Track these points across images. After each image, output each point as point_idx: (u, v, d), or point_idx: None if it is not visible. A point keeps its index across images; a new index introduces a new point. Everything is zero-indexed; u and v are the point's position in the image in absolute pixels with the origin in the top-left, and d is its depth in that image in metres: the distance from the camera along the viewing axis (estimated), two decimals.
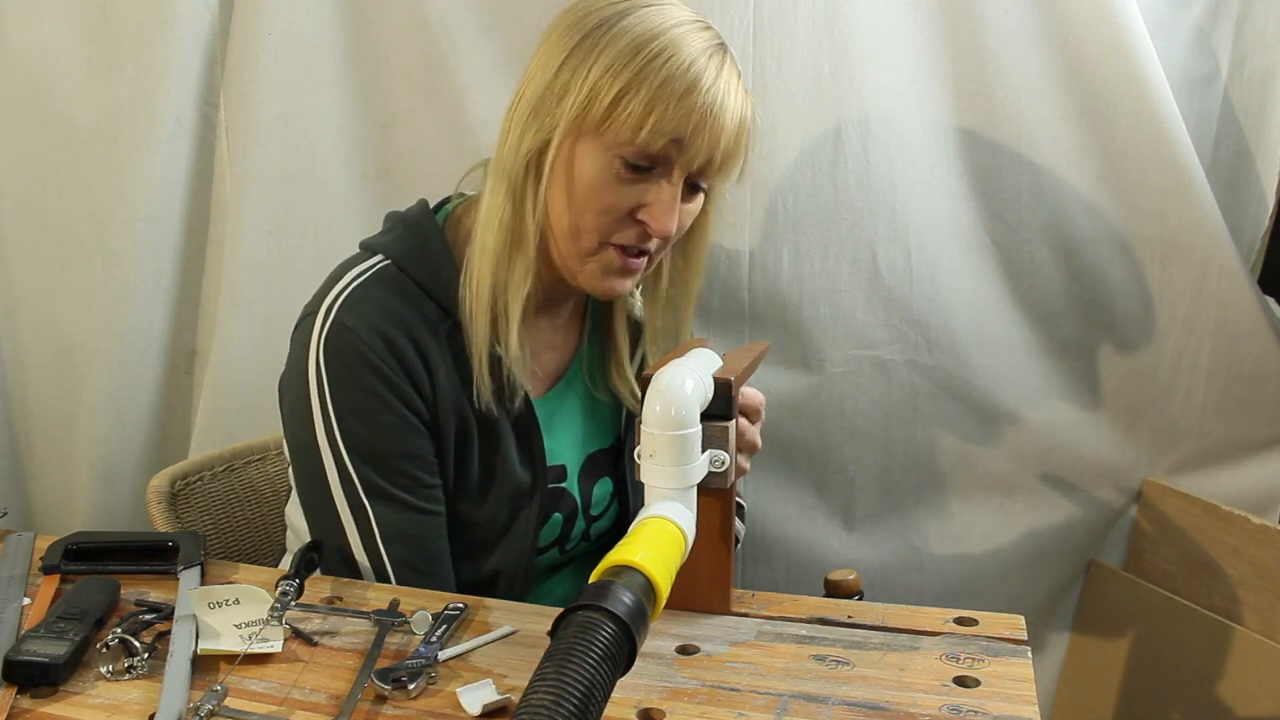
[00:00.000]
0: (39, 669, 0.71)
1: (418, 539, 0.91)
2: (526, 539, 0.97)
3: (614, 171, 0.86)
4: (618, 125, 0.84)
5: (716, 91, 0.85)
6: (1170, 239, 1.29)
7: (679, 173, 0.87)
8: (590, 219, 0.88)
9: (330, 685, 0.73)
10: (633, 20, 0.85)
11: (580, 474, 1.02)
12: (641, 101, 0.83)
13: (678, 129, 0.84)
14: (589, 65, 0.85)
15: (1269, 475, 1.37)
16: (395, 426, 0.89)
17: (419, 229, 0.95)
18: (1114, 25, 1.20)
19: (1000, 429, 1.38)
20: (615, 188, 0.87)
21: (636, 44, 0.84)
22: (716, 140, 0.86)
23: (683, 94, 0.84)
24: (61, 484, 1.48)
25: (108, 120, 1.33)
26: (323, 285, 0.93)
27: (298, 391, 0.90)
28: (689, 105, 0.84)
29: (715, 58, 0.86)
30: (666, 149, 0.85)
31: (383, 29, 1.30)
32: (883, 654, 0.77)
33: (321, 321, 0.89)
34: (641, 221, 0.88)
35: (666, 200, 0.88)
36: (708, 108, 0.84)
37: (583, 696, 0.53)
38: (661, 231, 0.88)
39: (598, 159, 0.86)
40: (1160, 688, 1.39)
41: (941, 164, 1.30)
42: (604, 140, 0.86)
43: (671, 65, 0.83)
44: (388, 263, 0.92)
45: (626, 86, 0.84)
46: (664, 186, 0.87)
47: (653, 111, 0.83)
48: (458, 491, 0.94)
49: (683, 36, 0.85)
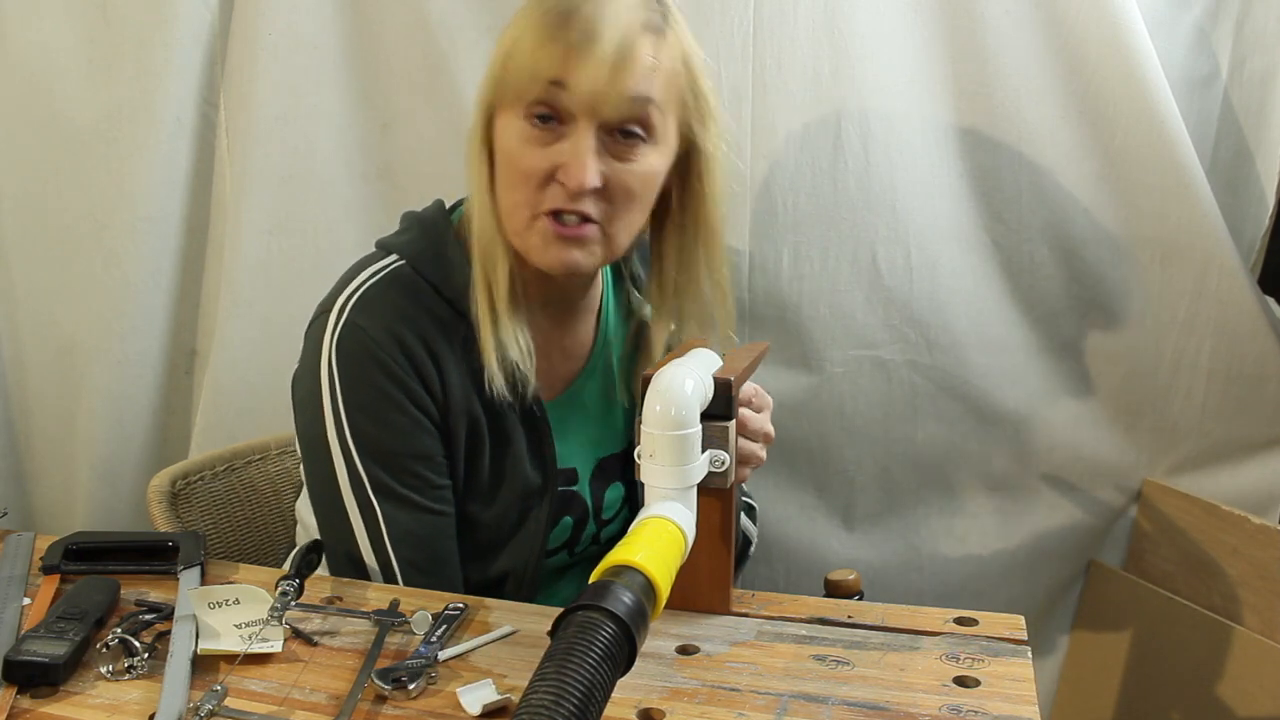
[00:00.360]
0: (39, 669, 0.71)
1: (425, 540, 0.91)
2: (536, 540, 0.96)
3: (525, 136, 0.84)
4: (511, 85, 0.82)
5: (592, 20, 0.79)
6: (1170, 239, 1.29)
7: (583, 120, 0.82)
8: (517, 191, 0.86)
9: (330, 685, 0.73)
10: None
11: (592, 478, 1.01)
12: (521, 50, 0.81)
13: (551, 68, 0.80)
14: (502, 39, 0.84)
15: (1269, 475, 1.37)
16: (405, 427, 0.89)
17: (434, 229, 0.94)
18: (1114, 25, 1.20)
19: (1000, 429, 1.38)
20: (530, 151, 0.84)
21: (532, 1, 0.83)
22: (591, 68, 0.80)
23: (555, 29, 0.80)
24: (61, 484, 1.48)
25: (108, 120, 1.33)
26: (337, 283, 0.93)
27: (309, 389, 0.90)
28: (563, 40, 0.80)
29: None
30: (552, 94, 0.81)
31: (383, 29, 1.30)
32: (883, 654, 0.77)
33: (335, 320, 0.89)
34: (560, 181, 0.84)
35: (576, 151, 0.82)
36: (577, 39, 0.79)
37: (583, 696, 0.53)
38: (576, 184, 0.82)
39: (511, 127, 0.84)
40: (1160, 688, 1.39)
41: (941, 164, 1.30)
42: (510, 106, 0.84)
43: (548, 5, 0.81)
44: (402, 263, 0.92)
45: (514, 40, 0.82)
46: (572, 139, 0.83)
47: (527, 57, 0.81)
48: (467, 492, 0.94)
49: None
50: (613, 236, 0.88)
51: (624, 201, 0.86)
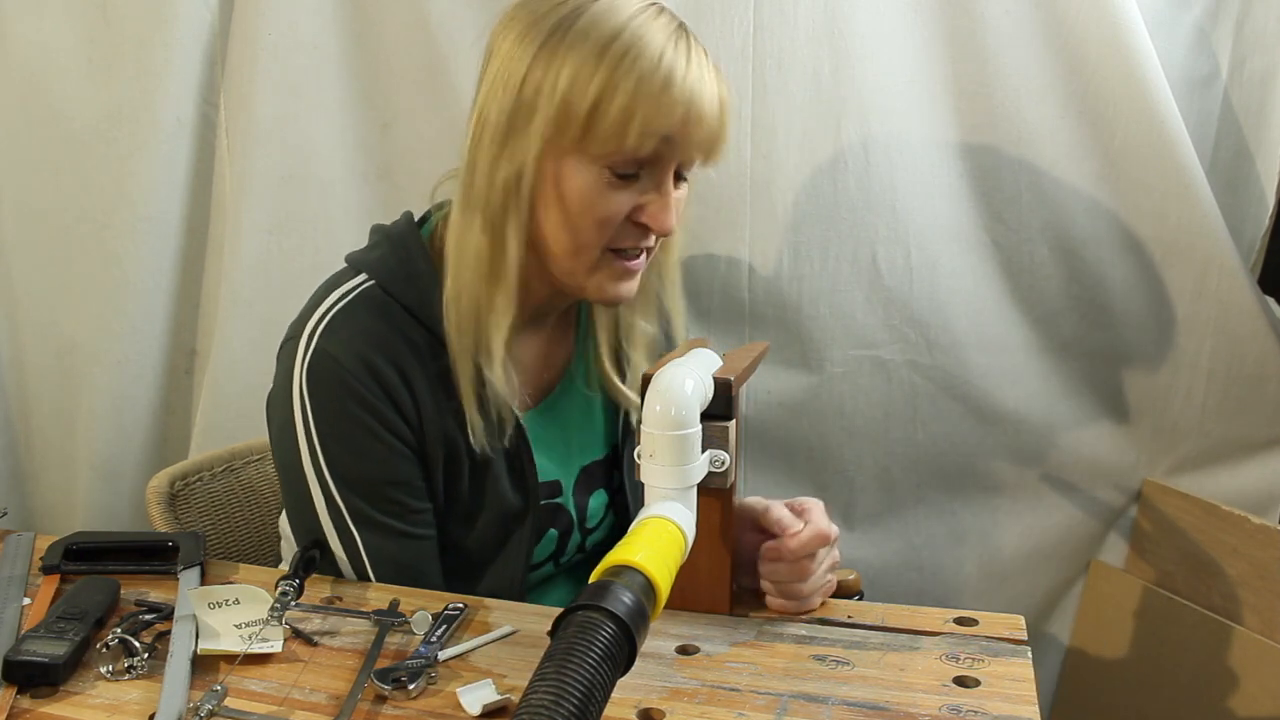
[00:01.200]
0: (39, 669, 0.71)
1: (406, 565, 0.91)
2: (519, 561, 0.95)
3: (604, 181, 0.83)
4: (600, 135, 0.81)
5: (691, 79, 0.81)
6: (1170, 239, 1.29)
7: (669, 168, 0.85)
8: (590, 234, 0.85)
9: (330, 685, 0.73)
10: (589, 19, 0.81)
11: (575, 487, 1.00)
12: (620, 107, 0.79)
13: (664, 127, 0.81)
14: (555, 76, 0.81)
15: (1269, 475, 1.37)
16: (380, 454, 0.87)
17: (404, 246, 0.92)
18: (1114, 25, 1.20)
19: (1000, 429, 1.38)
20: (610, 196, 0.84)
21: (600, 45, 0.80)
22: (703, 129, 0.83)
23: (660, 90, 0.80)
24: (61, 484, 1.48)
25: (108, 120, 1.33)
26: (306, 305, 0.91)
27: (283, 417, 0.89)
28: (669, 101, 0.80)
29: (681, 43, 0.82)
30: (657, 149, 0.82)
31: (383, 29, 1.30)
32: (883, 654, 0.77)
33: (304, 347, 0.87)
34: (642, 224, 0.85)
35: (663, 198, 0.85)
36: (688, 99, 0.81)
37: (583, 696, 0.53)
38: (664, 230, 0.85)
39: (586, 172, 0.83)
40: (1160, 688, 1.39)
41: (941, 164, 1.30)
42: (588, 153, 0.82)
43: (642, 62, 0.79)
44: (372, 283, 0.90)
45: (601, 94, 0.80)
46: (658, 185, 0.85)
47: (634, 115, 0.80)
48: (448, 515, 0.93)
49: (644, 27, 0.81)
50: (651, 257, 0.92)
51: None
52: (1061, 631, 1.50)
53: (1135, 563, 1.44)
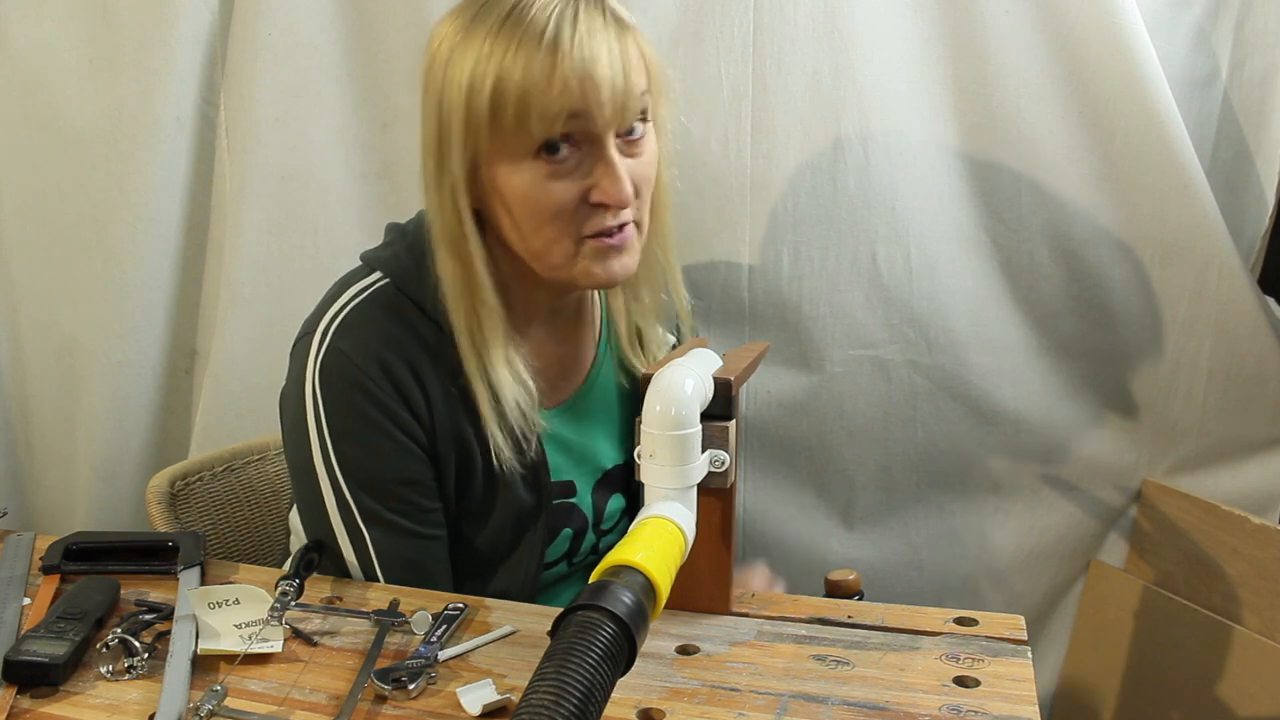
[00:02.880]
0: (39, 669, 0.72)
1: (416, 564, 0.91)
2: (532, 561, 0.95)
3: (542, 174, 0.81)
4: (511, 132, 0.79)
5: (582, 44, 0.77)
6: (1170, 239, 1.29)
7: (601, 138, 0.81)
8: (549, 230, 0.83)
9: (330, 685, 0.73)
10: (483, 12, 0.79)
11: (595, 489, 1.00)
12: (515, 97, 0.77)
13: (565, 105, 0.78)
14: (457, 82, 0.79)
15: (1269, 475, 1.37)
16: (392, 453, 0.87)
17: (418, 245, 0.91)
18: (1114, 25, 1.20)
19: (1000, 429, 1.38)
20: (552, 188, 0.81)
21: (490, 33, 0.78)
22: (605, 92, 0.78)
23: (550, 69, 0.77)
24: (61, 484, 1.48)
25: (108, 120, 1.33)
26: (321, 302, 0.91)
27: (295, 414, 0.89)
28: (561, 77, 0.77)
29: (568, 8, 0.78)
30: (571, 125, 0.79)
31: (383, 29, 1.30)
32: (883, 654, 0.77)
33: (318, 345, 0.87)
34: (599, 203, 0.82)
35: (609, 171, 0.81)
36: (581, 70, 0.77)
37: (583, 696, 0.53)
38: (618, 202, 0.82)
39: (518, 171, 0.81)
40: (1160, 688, 1.39)
41: (941, 164, 1.30)
42: (508, 152, 0.80)
43: (527, 43, 0.77)
44: (386, 281, 0.90)
45: (495, 87, 0.78)
46: (597, 158, 0.81)
47: (530, 101, 0.77)
48: (461, 513, 0.93)
49: (529, 3, 0.78)
50: (643, 225, 0.88)
51: (646, 191, 0.86)
52: (1061, 631, 1.50)
53: (1135, 563, 1.44)
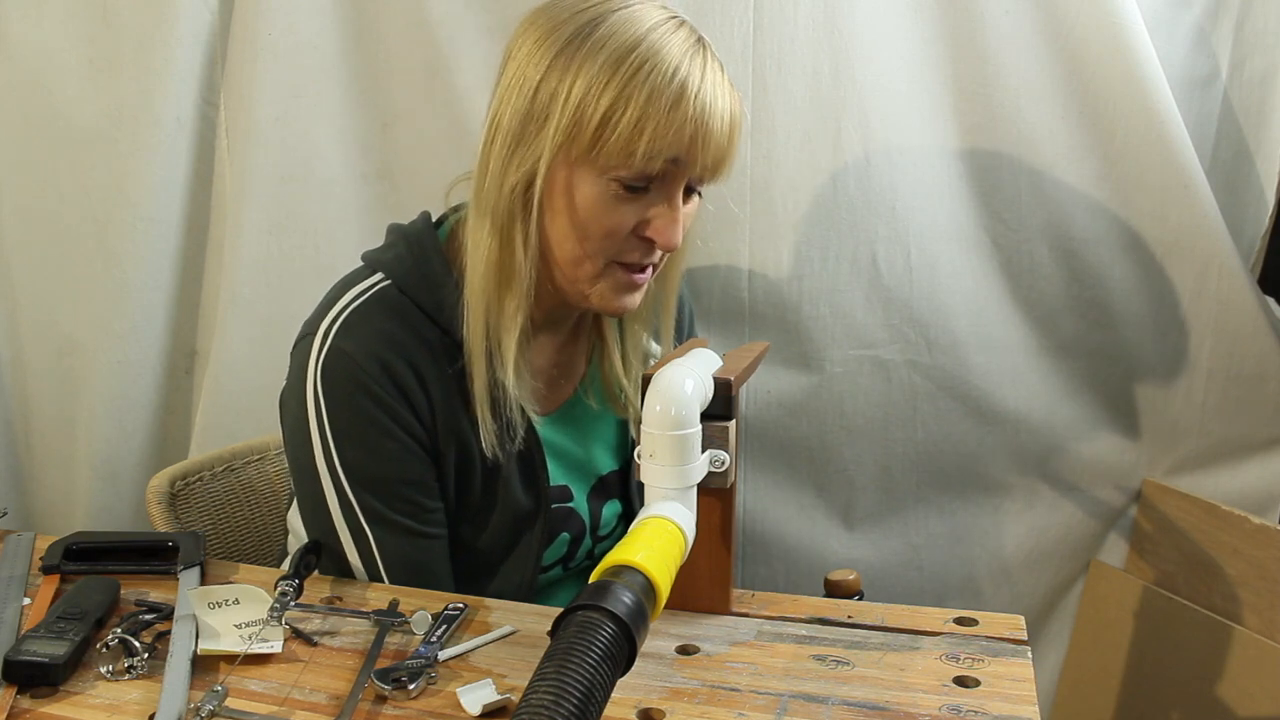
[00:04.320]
0: (39, 669, 0.72)
1: (419, 564, 0.91)
2: (529, 563, 0.95)
3: (612, 193, 0.83)
4: (610, 149, 0.81)
5: (704, 97, 0.81)
6: (1170, 239, 1.29)
7: (679, 184, 0.85)
8: (594, 244, 0.85)
9: (330, 685, 0.73)
10: (608, 29, 0.81)
11: (590, 494, 1.01)
12: (631, 121, 0.79)
13: (673, 146, 0.81)
14: (569, 84, 0.80)
15: (1269, 475, 1.37)
16: (395, 453, 0.88)
17: (420, 246, 0.92)
18: (1114, 25, 1.20)
19: (1000, 429, 1.38)
20: (616, 209, 0.84)
21: (617, 56, 0.80)
22: (711, 148, 0.83)
23: (671, 107, 0.80)
24: (61, 484, 1.48)
25: (108, 120, 1.33)
26: (322, 303, 0.91)
27: (297, 414, 0.89)
28: (680, 118, 0.80)
29: (697, 58, 0.82)
30: (665, 168, 0.83)
31: (383, 29, 1.30)
32: (883, 654, 0.77)
33: (319, 345, 0.87)
34: (647, 238, 0.86)
35: (670, 214, 0.85)
36: (699, 117, 0.81)
37: (583, 696, 0.53)
38: (669, 245, 0.86)
39: (595, 183, 0.83)
40: (1160, 688, 1.39)
41: (941, 164, 1.30)
42: (597, 164, 0.82)
43: (655, 77, 0.79)
44: (388, 283, 0.90)
45: (613, 106, 0.79)
46: (666, 201, 0.85)
47: (644, 131, 0.80)
48: (460, 514, 0.93)
49: (662, 41, 0.81)
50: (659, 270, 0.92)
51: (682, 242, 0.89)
52: (1061, 631, 1.50)
53: (1135, 563, 1.44)
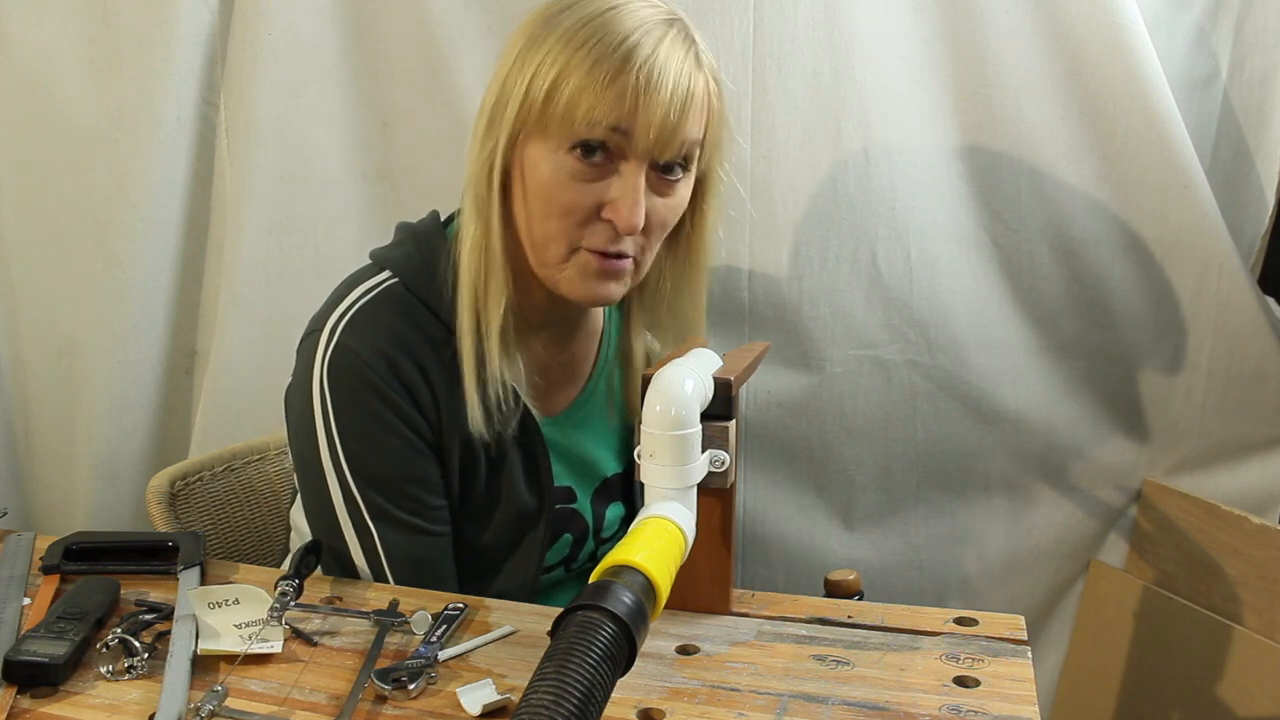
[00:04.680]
0: (39, 669, 0.71)
1: (424, 561, 0.91)
2: (532, 563, 0.95)
3: (568, 170, 0.82)
4: (555, 118, 0.80)
5: (651, 65, 0.78)
6: (1170, 239, 1.29)
7: (635, 161, 0.82)
8: (554, 224, 0.84)
9: (330, 685, 0.73)
10: (576, 10, 0.81)
11: (594, 497, 1.01)
12: (572, 89, 0.79)
13: (613, 113, 0.79)
14: (531, 62, 0.81)
15: (1269, 475, 1.37)
16: (400, 450, 0.88)
17: (428, 245, 0.92)
18: (1114, 25, 1.20)
19: (1000, 429, 1.38)
20: (573, 186, 0.82)
21: (571, 30, 0.80)
22: (656, 118, 0.80)
23: (613, 75, 0.78)
24: (61, 484, 1.48)
25: (108, 120, 1.33)
26: (329, 300, 0.91)
27: (302, 411, 0.89)
28: (622, 85, 0.78)
29: (655, 31, 0.80)
30: (608, 137, 0.80)
31: (383, 29, 1.30)
32: (883, 654, 0.77)
33: (325, 341, 0.87)
34: (608, 219, 0.83)
35: (628, 193, 0.82)
36: (641, 85, 0.78)
37: (583, 696, 0.53)
38: (627, 227, 0.82)
39: (549, 159, 0.82)
40: (1160, 688, 1.39)
41: (941, 164, 1.30)
42: (550, 139, 0.81)
43: (602, 46, 0.78)
44: (395, 281, 0.90)
45: (560, 76, 0.79)
46: (623, 178, 0.82)
47: (582, 98, 0.78)
48: (463, 512, 0.93)
49: (619, 15, 0.80)
50: (641, 266, 0.89)
51: (658, 233, 0.88)
52: (1061, 631, 1.50)
53: (1135, 563, 1.44)
